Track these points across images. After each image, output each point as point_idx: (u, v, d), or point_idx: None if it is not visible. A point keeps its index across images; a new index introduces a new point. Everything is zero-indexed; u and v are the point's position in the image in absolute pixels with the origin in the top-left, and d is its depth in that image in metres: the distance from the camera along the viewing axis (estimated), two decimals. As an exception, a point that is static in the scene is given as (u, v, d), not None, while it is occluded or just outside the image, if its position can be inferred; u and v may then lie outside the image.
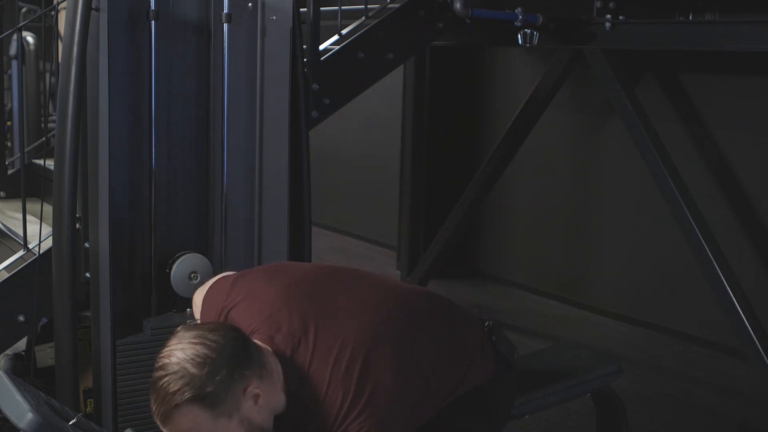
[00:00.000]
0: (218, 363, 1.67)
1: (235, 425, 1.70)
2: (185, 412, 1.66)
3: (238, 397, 1.69)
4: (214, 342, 1.70)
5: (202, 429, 1.67)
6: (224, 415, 1.68)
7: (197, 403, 1.65)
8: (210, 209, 2.71)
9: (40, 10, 3.49)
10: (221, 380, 1.67)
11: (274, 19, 2.66)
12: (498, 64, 5.36)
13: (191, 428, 1.67)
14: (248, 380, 1.70)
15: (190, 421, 1.66)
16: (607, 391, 2.60)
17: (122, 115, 2.50)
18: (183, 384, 1.66)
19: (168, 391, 1.66)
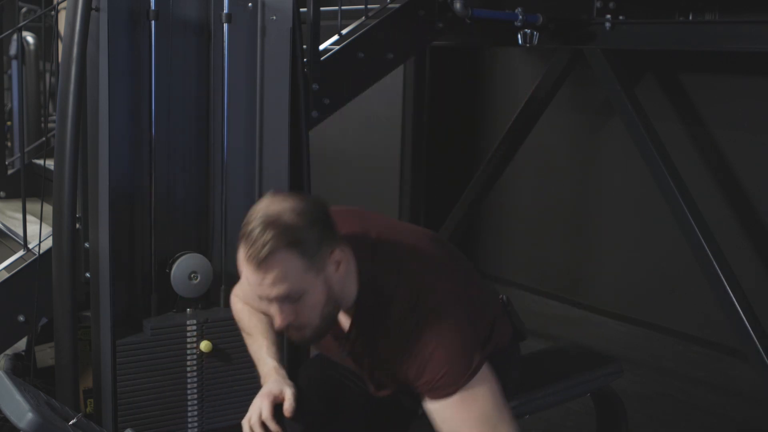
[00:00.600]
0: (313, 218, 1.70)
1: (320, 284, 1.71)
2: (279, 259, 1.66)
3: (325, 257, 1.71)
4: (307, 202, 1.74)
5: (291, 278, 1.67)
6: (313, 270, 1.69)
7: (292, 250, 1.66)
8: (210, 209, 2.71)
9: (40, 10, 3.49)
10: (315, 233, 1.69)
11: (274, 19, 2.66)
12: (498, 64, 5.36)
13: (281, 276, 1.67)
14: (335, 244, 1.73)
15: (282, 269, 1.66)
16: (607, 391, 2.60)
17: (122, 115, 2.50)
18: (280, 230, 1.66)
19: (264, 237, 1.66)
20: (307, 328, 1.76)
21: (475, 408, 1.72)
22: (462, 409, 1.72)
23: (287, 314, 1.72)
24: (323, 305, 1.74)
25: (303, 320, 1.74)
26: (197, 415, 2.66)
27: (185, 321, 2.61)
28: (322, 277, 1.72)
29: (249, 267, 1.69)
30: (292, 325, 1.74)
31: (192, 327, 2.61)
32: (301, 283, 1.69)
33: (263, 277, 1.68)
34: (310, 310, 1.73)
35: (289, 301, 1.70)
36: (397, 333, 1.76)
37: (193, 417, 2.66)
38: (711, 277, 3.59)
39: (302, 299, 1.71)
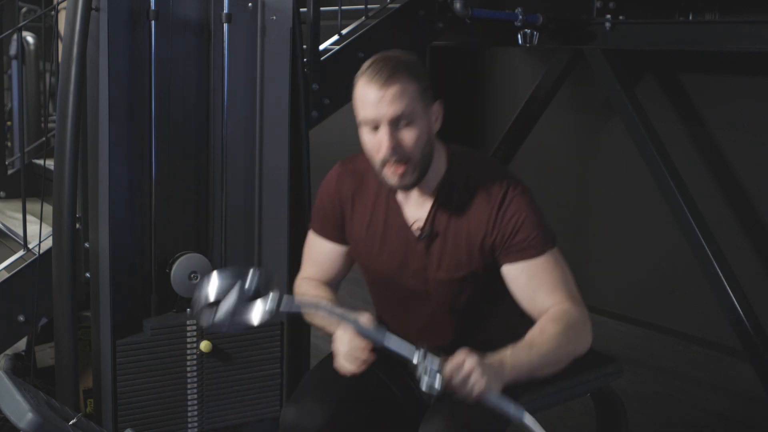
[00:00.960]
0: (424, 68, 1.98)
1: (426, 120, 1.93)
2: (401, 80, 1.87)
3: (430, 102, 1.96)
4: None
5: (408, 98, 1.88)
6: (423, 102, 1.91)
7: (412, 77, 1.89)
8: (210, 209, 2.71)
9: (40, 10, 3.49)
10: (426, 78, 1.94)
11: (274, 19, 2.66)
12: (498, 64, 5.36)
13: (400, 94, 1.87)
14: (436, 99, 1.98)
15: (402, 87, 1.87)
16: (607, 391, 2.60)
17: (122, 115, 2.50)
18: (403, 61, 1.91)
19: (390, 63, 1.89)
20: (410, 161, 1.91)
21: (558, 270, 1.97)
22: (548, 268, 1.96)
23: (394, 138, 1.88)
24: (425, 141, 1.93)
25: (406, 150, 1.90)
26: (197, 415, 2.66)
27: (185, 321, 2.61)
28: (427, 118, 1.94)
29: (372, 87, 1.88)
30: (397, 153, 1.89)
31: (192, 327, 2.61)
32: (414, 107, 1.89)
33: (384, 93, 1.87)
34: (415, 139, 1.90)
35: (402, 121, 1.88)
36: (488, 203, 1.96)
37: (193, 417, 2.66)
38: (711, 277, 3.59)
39: (411, 125, 1.90)
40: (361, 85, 1.91)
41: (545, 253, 1.97)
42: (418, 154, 1.91)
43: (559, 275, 1.97)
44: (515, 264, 1.97)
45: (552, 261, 1.98)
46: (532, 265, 1.96)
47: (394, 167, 1.91)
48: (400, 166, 1.91)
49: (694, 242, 3.64)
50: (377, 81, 1.87)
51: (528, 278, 1.96)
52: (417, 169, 1.93)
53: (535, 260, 1.96)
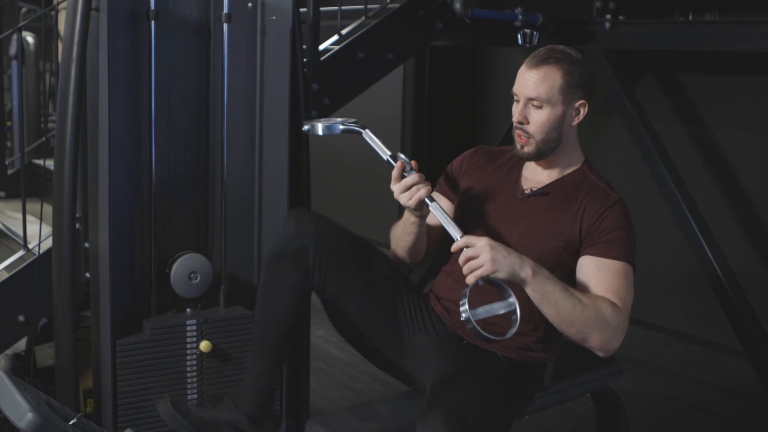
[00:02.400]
0: (587, 70, 2.16)
1: (560, 110, 2.13)
2: (549, 68, 2.12)
3: (575, 98, 2.14)
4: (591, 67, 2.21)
5: (550, 86, 2.11)
6: (563, 95, 2.12)
7: (561, 70, 2.11)
8: (210, 209, 2.71)
9: (40, 10, 3.49)
10: (582, 77, 2.14)
11: (274, 19, 2.66)
12: (498, 64, 5.36)
13: (544, 79, 2.11)
14: (585, 99, 2.16)
15: (548, 75, 2.12)
16: (607, 391, 2.60)
17: (122, 115, 2.50)
18: (565, 54, 2.14)
19: (551, 53, 2.13)
20: (532, 138, 2.15)
21: (624, 282, 2.13)
22: (618, 274, 2.12)
23: (523, 114, 2.14)
24: (551, 127, 2.14)
25: (530, 127, 2.14)
26: (197, 415, 2.66)
27: (185, 321, 2.61)
28: (563, 108, 2.13)
29: (525, 66, 2.15)
30: (522, 127, 2.15)
31: (192, 327, 2.61)
32: (550, 96, 2.11)
33: (531, 74, 2.12)
34: (541, 122, 2.13)
35: (534, 103, 2.12)
36: (602, 202, 2.15)
37: (193, 417, 2.65)
38: (711, 277, 3.59)
39: (542, 108, 2.12)
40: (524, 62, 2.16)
41: (622, 262, 2.13)
42: (540, 135, 2.14)
43: (623, 285, 2.12)
44: (594, 257, 2.12)
45: (624, 271, 2.13)
46: (607, 264, 2.11)
47: (519, 135, 2.17)
48: (523, 137, 2.16)
49: (693, 242, 3.64)
50: (530, 62, 2.14)
51: (597, 271, 2.11)
52: (536, 146, 2.16)
53: (611, 261, 2.11)
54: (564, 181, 2.23)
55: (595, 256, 2.12)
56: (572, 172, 2.24)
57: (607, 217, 2.14)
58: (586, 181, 2.22)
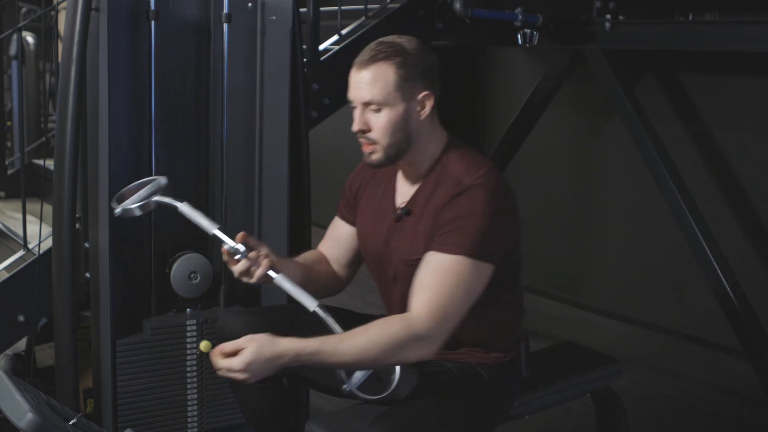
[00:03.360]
0: (424, 58, 1.99)
1: (401, 108, 1.96)
2: (381, 66, 1.94)
3: (416, 91, 1.98)
4: (431, 52, 2.03)
5: (383, 85, 1.94)
6: (401, 91, 1.95)
7: (393, 64, 1.94)
8: (210, 209, 2.71)
9: (40, 10, 3.49)
10: (419, 66, 1.97)
11: (274, 19, 2.66)
12: (498, 64, 5.36)
13: (376, 80, 1.94)
14: (428, 89, 2.00)
15: (379, 74, 1.94)
16: (607, 391, 2.60)
17: (122, 115, 2.50)
18: (394, 49, 1.96)
19: (378, 48, 1.96)
20: (377, 144, 1.99)
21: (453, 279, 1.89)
22: (448, 271, 1.89)
23: (363, 121, 1.98)
24: (396, 129, 1.97)
25: (373, 133, 1.99)
26: (197, 415, 2.66)
27: (185, 321, 2.61)
28: (405, 105, 1.97)
29: (354, 68, 1.98)
30: (365, 134, 1.99)
31: (192, 327, 2.61)
32: (386, 96, 1.95)
33: (361, 76, 1.96)
34: (384, 126, 1.97)
35: (371, 108, 1.97)
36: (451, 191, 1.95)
37: (193, 417, 2.66)
38: (711, 277, 3.59)
39: (381, 111, 1.96)
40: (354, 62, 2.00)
41: (458, 256, 1.90)
42: (386, 140, 1.98)
43: (450, 283, 1.89)
44: (430, 252, 1.94)
45: (457, 268, 1.90)
46: (436, 259, 1.92)
47: (364, 144, 2.02)
48: (368, 144, 2.01)
49: (694, 242, 3.64)
50: (359, 63, 1.97)
51: (423, 268, 1.93)
52: (384, 152, 2.00)
53: (441, 255, 1.91)
54: (426, 185, 2.04)
55: (431, 251, 1.94)
56: (433, 170, 2.04)
57: (451, 208, 1.94)
58: (443, 174, 2.01)
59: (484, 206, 1.92)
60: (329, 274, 2.27)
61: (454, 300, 1.88)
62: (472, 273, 1.90)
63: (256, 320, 2.17)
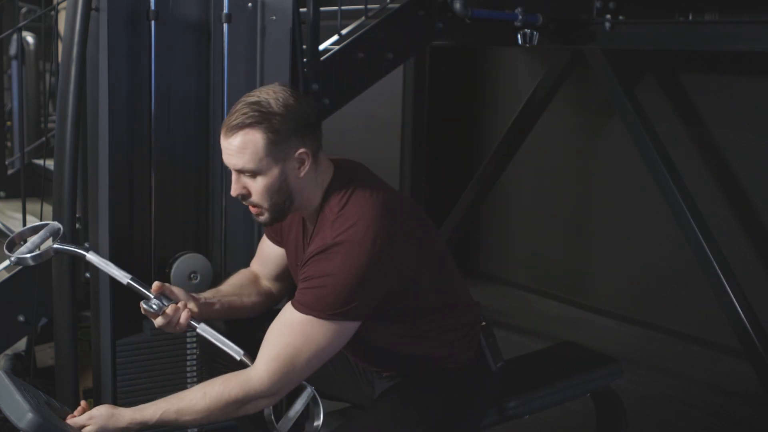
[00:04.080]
0: (294, 115, 1.89)
1: (276, 172, 1.89)
2: (249, 133, 1.86)
3: (291, 151, 1.89)
4: (302, 101, 1.92)
5: (250, 154, 1.86)
6: (272, 156, 1.87)
7: (261, 130, 1.85)
8: (210, 209, 2.70)
9: (40, 10, 3.49)
10: (290, 127, 1.88)
11: (274, 19, 2.66)
12: (498, 64, 5.36)
13: (242, 148, 1.86)
14: (305, 146, 1.91)
15: (244, 143, 1.86)
16: (607, 391, 2.60)
17: (122, 115, 2.50)
18: (258, 112, 1.86)
19: (244, 112, 1.87)
20: (261, 207, 1.94)
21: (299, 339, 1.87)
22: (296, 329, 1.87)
23: (240, 186, 1.92)
24: (274, 192, 1.91)
25: (255, 199, 1.93)
26: (197, 415, 2.66)
27: (185, 321, 2.60)
28: (280, 168, 1.89)
29: (222, 132, 1.90)
30: (246, 198, 1.94)
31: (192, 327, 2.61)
32: (258, 163, 1.87)
33: (229, 145, 1.88)
34: (261, 191, 1.91)
35: (245, 174, 1.90)
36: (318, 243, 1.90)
37: (193, 417, 2.65)
38: (711, 277, 3.59)
39: (257, 176, 1.90)
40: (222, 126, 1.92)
41: (307, 317, 1.87)
42: (266, 203, 1.93)
43: (296, 344, 1.87)
44: (287, 304, 1.92)
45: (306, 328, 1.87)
46: (290, 316, 1.89)
47: (249, 207, 1.98)
48: (252, 207, 1.97)
49: (693, 242, 3.64)
50: (224, 130, 1.89)
51: (278, 319, 1.92)
52: (270, 213, 1.95)
53: (294, 313, 1.88)
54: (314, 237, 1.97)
55: (288, 302, 1.93)
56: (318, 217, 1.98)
57: (310, 266, 1.89)
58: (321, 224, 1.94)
59: (342, 266, 1.84)
60: (262, 293, 2.24)
61: (299, 360, 1.87)
62: (324, 333, 1.87)
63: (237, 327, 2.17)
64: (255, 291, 2.23)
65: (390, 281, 1.91)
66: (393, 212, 1.93)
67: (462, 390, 2.11)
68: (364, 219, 1.88)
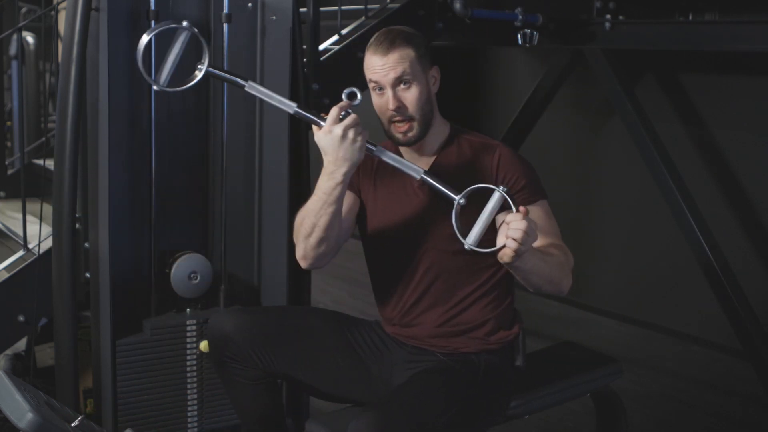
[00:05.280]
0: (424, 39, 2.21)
1: (424, 81, 2.17)
2: (401, 47, 2.13)
3: (428, 66, 2.19)
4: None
5: (407, 62, 2.13)
6: (421, 65, 2.16)
7: (410, 45, 2.14)
8: (210, 209, 2.71)
9: (40, 10, 3.49)
10: (425, 45, 2.19)
11: (274, 19, 2.66)
12: (498, 64, 5.36)
13: (401, 59, 2.12)
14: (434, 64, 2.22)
15: (402, 54, 2.13)
16: (607, 391, 2.60)
17: (122, 116, 2.50)
18: (403, 32, 2.17)
19: (391, 35, 2.15)
20: (413, 120, 2.15)
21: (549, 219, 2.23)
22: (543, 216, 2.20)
23: (399, 98, 2.13)
24: (425, 101, 2.16)
25: (408, 108, 2.14)
26: (197, 415, 2.66)
27: (185, 321, 2.61)
28: (425, 78, 2.17)
29: (377, 55, 2.14)
30: (401, 111, 2.14)
31: (192, 327, 2.61)
32: (413, 70, 2.13)
33: (387, 59, 2.12)
34: (415, 100, 2.14)
35: (403, 83, 2.13)
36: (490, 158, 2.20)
37: (193, 417, 2.66)
38: (711, 277, 3.59)
39: (411, 86, 2.14)
40: (368, 54, 2.17)
41: (538, 202, 2.20)
42: (419, 112, 2.15)
43: (551, 224, 2.21)
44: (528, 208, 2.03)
45: (544, 210, 2.21)
46: (532, 211, 2.09)
47: (398, 124, 2.16)
48: (404, 123, 2.15)
49: (693, 242, 3.64)
50: (381, 50, 2.13)
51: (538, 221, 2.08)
52: (419, 125, 2.16)
53: (531, 207, 2.11)
54: (443, 158, 2.22)
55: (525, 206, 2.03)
56: (446, 142, 2.25)
57: (508, 171, 2.19)
58: (463, 146, 2.24)
59: (520, 156, 2.26)
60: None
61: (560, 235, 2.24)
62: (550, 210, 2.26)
63: (248, 320, 2.21)
64: None
65: None
66: None
67: (490, 380, 2.18)
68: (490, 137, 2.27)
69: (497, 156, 2.20)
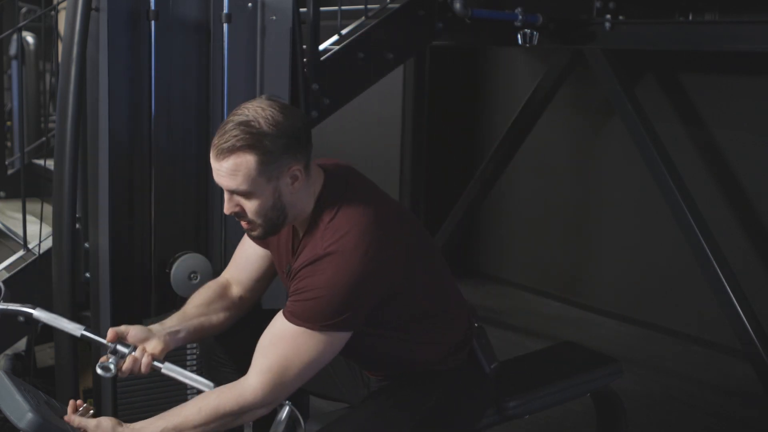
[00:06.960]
0: (285, 132, 1.85)
1: (270, 191, 1.87)
2: (240, 156, 1.83)
3: (283, 169, 1.87)
4: (290, 115, 1.89)
5: (243, 176, 1.84)
6: (265, 176, 1.85)
7: (253, 153, 1.82)
8: (210, 209, 2.71)
9: (40, 10, 3.49)
10: (280, 144, 1.84)
11: (274, 19, 2.66)
12: (498, 64, 5.36)
13: (234, 171, 1.84)
14: (297, 162, 1.88)
15: (239, 165, 1.83)
16: (607, 391, 2.60)
17: (122, 115, 2.50)
18: (248, 133, 1.83)
19: (234, 134, 1.83)
20: (254, 224, 1.93)
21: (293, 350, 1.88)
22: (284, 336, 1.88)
23: (233, 205, 1.90)
24: (268, 209, 1.90)
25: (249, 215, 1.91)
26: (197, 415, 2.65)
27: (185, 321, 2.60)
28: (273, 185, 1.87)
29: (212, 153, 1.86)
30: (239, 215, 1.92)
31: (192, 327, 2.61)
32: (251, 184, 1.85)
33: (220, 166, 1.85)
34: (255, 209, 1.89)
35: (238, 194, 1.88)
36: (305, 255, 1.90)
37: (193, 417, 2.65)
38: (711, 277, 3.59)
39: (249, 197, 1.88)
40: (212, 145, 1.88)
41: (299, 328, 1.87)
42: (260, 219, 1.91)
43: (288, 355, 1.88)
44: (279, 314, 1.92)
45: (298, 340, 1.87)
46: (282, 326, 1.89)
47: (241, 222, 1.96)
48: (245, 223, 1.95)
49: (693, 242, 3.64)
50: (215, 152, 1.86)
51: (270, 329, 1.92)
52: (264, 228, 1.94)
53: (286, 324, 1.89)
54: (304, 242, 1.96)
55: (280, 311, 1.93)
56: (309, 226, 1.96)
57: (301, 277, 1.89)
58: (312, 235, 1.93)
59: (334, 277, 1.84)
60: (231, 305, 2.19)
61: (291, 371, 1.88)
62: (316, 344, 1.88)
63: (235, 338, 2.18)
64: (222, 306, 2.17)
65: (381, 290, 1.90)
66: (383, 220, 1.92)
67: (452, 391, 2.10)
68: (354, 229, 1.87)
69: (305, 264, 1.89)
